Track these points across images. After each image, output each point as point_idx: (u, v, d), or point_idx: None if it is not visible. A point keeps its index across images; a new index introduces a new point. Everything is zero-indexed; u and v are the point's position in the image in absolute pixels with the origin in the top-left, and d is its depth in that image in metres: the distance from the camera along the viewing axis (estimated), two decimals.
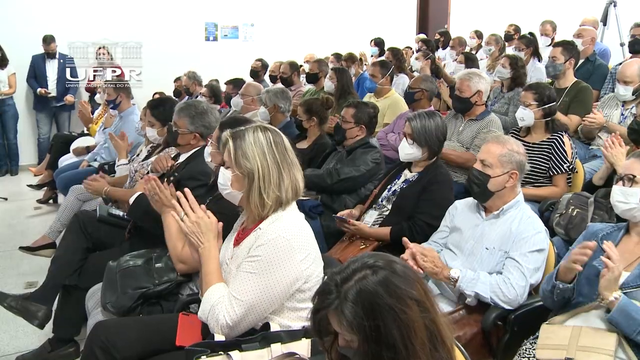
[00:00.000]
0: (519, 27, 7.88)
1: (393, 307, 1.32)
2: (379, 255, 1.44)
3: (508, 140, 2.70)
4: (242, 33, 10.39)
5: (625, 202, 2.28)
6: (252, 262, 2.07)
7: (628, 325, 2.04)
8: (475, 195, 2.70)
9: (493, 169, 2.61)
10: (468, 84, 4.11)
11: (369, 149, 3.77)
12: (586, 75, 5.27)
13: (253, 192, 2.12)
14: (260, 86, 5.90)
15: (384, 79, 5.33)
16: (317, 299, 1.41)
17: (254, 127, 2.19)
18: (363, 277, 1.37)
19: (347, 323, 1.34)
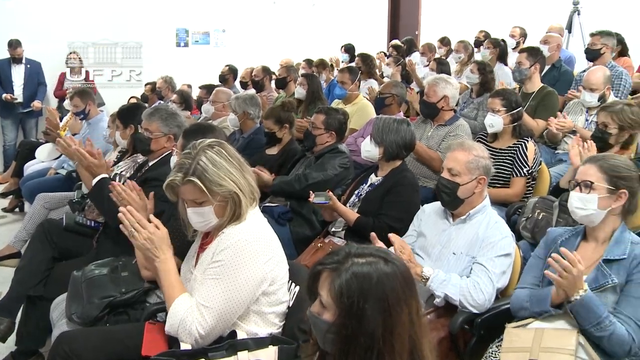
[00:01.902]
0: (489, 33, 7.98)
1: (387, 301, 1.35)
2: (398, 258, 1.48)
3: (472, 146, 2.73)
4: (213, 39, 10.35)
5: (583, 208, 2.31)
6: (216, 267, 2.07)
7: (587, 317, 2.08)
8: (445, 203, 2.72)
9: (461, 176, 2.64)
10: (434, 89, 4.15)
11: (337, 154, 3.78)
12: (552, 81, 5.35)
13: (239, 208, 2.12)
14: (231, 92, 5.88)
15: (353, 85, 5.36)
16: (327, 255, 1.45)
17: (202, 151, 2.12)
18: (375, 262, 1.39)
19: (335, 290, 1.36)
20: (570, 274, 2.06)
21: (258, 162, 4.14)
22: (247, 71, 7.81)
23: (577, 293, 2.09)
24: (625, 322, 2.09)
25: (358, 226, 3.12)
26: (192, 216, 2.15)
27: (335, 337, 1.37)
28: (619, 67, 5.26)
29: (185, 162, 2.10)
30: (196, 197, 2.10)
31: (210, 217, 2.12)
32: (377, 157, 3.28)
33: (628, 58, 6.36)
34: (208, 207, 2.10)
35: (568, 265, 2.06)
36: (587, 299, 2.08)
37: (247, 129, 4.86)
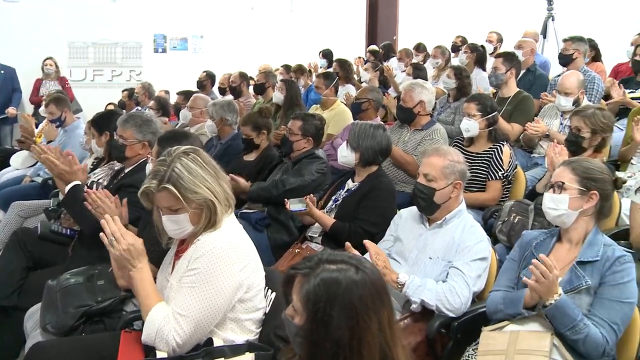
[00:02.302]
0: (466, 38, 8.05)
1: (354, 309, 1.35)
2: (372, 267, 1.48)
3: (448, 151, 2.75)
4: (191, 45, 10.33)
5: (555, 208, 2.34)
6: (191, 276, 2.06)
7: (562, 321, 2.10)
8: (422, 209, 2.73)
9: (437, 181, 2.65)
10: (411, 95, 4.18)
11: (314, 160, 3.79)
12: (527, 86, 5.41)
13: (215, 215, 2.12)
14: (208, 98, 5.86)
15: (328, 90, 5.38)
16: (300, 260, 1.47)
17: (177, 158, 2.11)
18: (345, 269, 1.40)
19: (304, 295, 1.37)
20: (547, 279, 2.09)
21: (236, 169, 4.14)
22: (225, 77, 7.79)
23: (552, 297, 2.12)
24: (599, 324, 2.12)
25: (334, 231, 3.14)
26: (167, 224, 2.14)
27: (304, 342, 1.38)
28: (591, 72, 5.33)
29: (160, 169, 2.09)
30: (171, 205, 2.09)
31: (185, 225, 2.11)
32: (354, 163, 3.29)
33: (601, 63, 6.47)
34: (183, 215, 2.09)
35: (546, 270, 2.08)
36: (562, 303, 2.11)
37: (225, 135, 4.85)
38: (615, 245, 2.31)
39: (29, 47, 8.87)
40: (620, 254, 2.25)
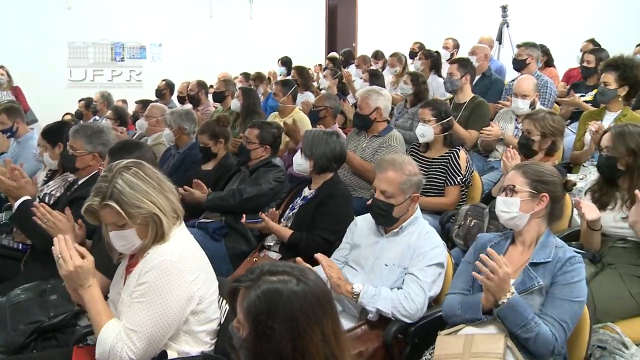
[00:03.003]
0: (423, 44, 8.16)
1: (296, 321, 1.34)
2: (316, 278, 1.46)
3: (402, 163, 2.70)
4: (149, 53, 10.22)
5: (507, 211, 2.38)
6: (141, 290, 2.03)
7: (514, 320, 2.13)
8: (380, 222, 2.73)
9: (395, 197, 2.64)
10: (367, 102, 4.20)
11: (271, 168, 3.78)
12: (483, 90, 5.51)
13: (161, 227, 2.09)
14: (165, 107, 5.80)
15: (285, 98, 5.37)
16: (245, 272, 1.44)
17: (118, 173, 2.08)
18: (286, 281, 1.38)
19: (246, 307, 1.35)
20: (497, 276, 2.11)
21: (194, 177, 4.10)
22: (183, 86, 7.73)
23: (505, 296, 2.15)
24: (549, 322, 2.15)
25: (292, 243, 3.12)
26: (114, 239, 2.11)
27: (248, 354, 1.37)
28: (544, 76, 5.45)
29: (102, 186, 2.06)
30: (116, 221, 2.06)
31: (133, 240, 2.08)
32: (309, 170, 3.29)
33: (553, 68, 6.63)
34: (130, 230, 2.06)
35: (494, 265, 2.11)
36: (514, 301, 2.14)
37: (183, 144, 4.80)
38: (566, 246, 2.36)
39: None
40: (571, 254, 2.29)
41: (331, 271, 2.52)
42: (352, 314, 2.61)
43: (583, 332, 2.29)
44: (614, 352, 2.55)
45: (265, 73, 8.30)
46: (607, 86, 4.13)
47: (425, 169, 3.83)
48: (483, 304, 2.25)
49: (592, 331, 2.59)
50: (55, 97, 8.94)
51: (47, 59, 9.11)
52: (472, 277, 2.35)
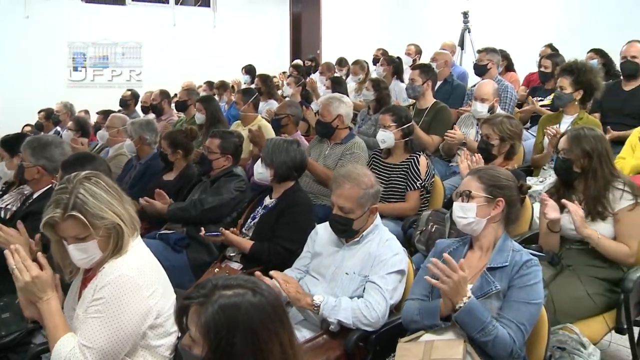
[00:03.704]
0: (387, 51, 8.20)
1: (256, 333, 1.32)
2: (269, 288, 1.44)
3: (359, 176, 2.65)
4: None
5: (464, 217, 2.38)
6: (97, 305, 1.98)
7: (472, 324, 2.13)
8: (340, 235, 2.71)
9: (354, 212, 2.62)
10: (329, 109, 4.20)
11: (232, 178, 3.75)
12: (445, 96, 5.56)
13: (122, 239, 2.05)
14: (126, 117, 5.71)
15: (246, 106, 5.35)
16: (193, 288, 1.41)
17: (78, 183, 2.04)
18: (242, 294, 1.36)
19: (202, 325, 1.32)
20: (452, 280, 2.11)
21: (155, 188, 4.04)
22: (146, 95, 7.64)
23: (462, 300, 2.15)
24: (507, 325, 2.15)
25: (254, 254, 3.09)
26: (74, 253, 2.03)
27: None
28: (505, 81, 5.53)
29: (63, 197, 1.99)
30: (78, 233, 2.00)
31: (94, 252, 2.03)
32: (269, 179, 3.27)
33: (514, 73, 6.72)
34: (92, 242, 2.01)
35: (446, 268, 2.11)
36: (471, 305, 2.14)
37: (144, 154, 4.74)
38: (523, 250, 2.37)
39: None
40: (528, 258, 2.30)
41: (288, 286, 2.49)
42: (314, 323, 2.60)
43: (541, 334, 2.31)
44: (572, 352, 2.58)
45: (230, 81, 8.27)
46: (563, 90, 4.20)
47: (386, 175, 3.85)
48: (441, 310, 2.25)
49: (552, 332, 2.64)
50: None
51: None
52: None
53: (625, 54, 4.73)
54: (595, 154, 2.89)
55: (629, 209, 2.83)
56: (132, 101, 7.79)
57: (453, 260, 2.15)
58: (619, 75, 4.99)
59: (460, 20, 8.12)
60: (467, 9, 8.15)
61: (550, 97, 4.98)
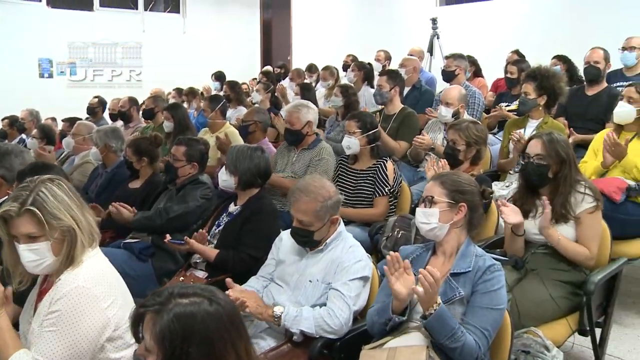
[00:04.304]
0: (356, 57, 8.23)
1: (212, 343, 1.30)
2: (226, 297, 1.42)
3: (316, 189, 2.62)
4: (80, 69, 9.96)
5: (427, 222, 2.38)
6: (52, 319, 1.93)
7: (442, 331, 2.12)
8: (302, 245, 2.69)
9: (314, 224, 2.60)
10: (297, 116, 4.19)
11: (198, 185, 3.71)
12: (414, 102, 5.58)
13: (76, 246, 2.00)
14: (93, 125, 5.63)
15: (214, 113, 5.31)
16: (149, 296, 1.37)
17: (41, 183, 2.01)
18: (198, 303, 1.33)
19: (157, 333, 1.29)
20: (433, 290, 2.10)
21: (121, 196, 4.00)
22: (114, 102, 7.55)
23: (432, 307, 2.14)
24: (472, 331, 2.16)
25: (219, 262, 3.05)
26: (25, 254, 1.97)
27: None
28: (472, 87, 5.58)
29: (22, 194, 1.96)
30: (32, 231, 1.95)
31: (45, 255, 1.98)
32: (234, 186, 3.25)
33: (482, 78, 6.79)
34: (45, 243, 1.96)
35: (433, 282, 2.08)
36: (442, 312, 2.13)
37: (110, 162, 4.68)
38: (486, 255, 2.38)
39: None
40: (491, 263, 2.31)
41: (248, 301, 2.46)
42: (279, 331, 2.57)
43: (505, 338, 2.31)
44: (537, 355, 2.60)
45: (199, 88, 8.22)
46: (528, 96, 4.26)
47: (353, 181, 3.85)
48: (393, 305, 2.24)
49: (517, 336, 2.65)
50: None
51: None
52: None
53: (588, 60, 4.82)
54: (568, 159, 2.92)
55: (589, 212, 2.87)
56: (100, 108, 7.68)
57: (436, 272, 2.12)
58: (583, 80, 5.08)
59: (429, 26, 8.20)
60: (435, 15, 8.24)
61: (517, 103, 5.04)
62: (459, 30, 8.72)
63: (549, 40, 7.36)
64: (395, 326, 2.28)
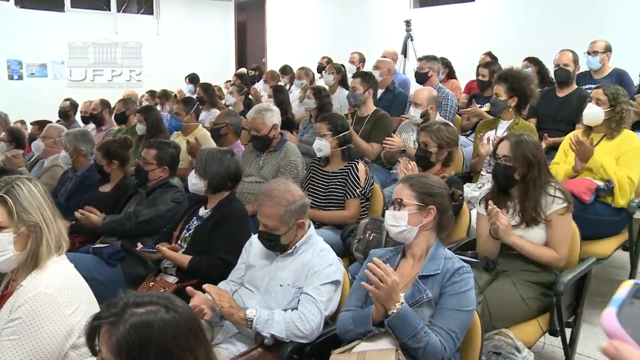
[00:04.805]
0: (331, 59, 8.24)
1: (170, 351, 1.27)
2: (183, 304, 1.38)
3: (280, 193, 2.59)
4: (51, 71, 9.80)
5: (396, 225, 2.38)
6: (13, 327, 1.88)
7: (403, 330, 2.12)
8: (270, 249, 2.66)
9: (279, 229, 2.57)
10: (262, 122, 4.16)
11: (168, 189, 3.67)
12: (387, 104, 5.59)
13: (40, 247, 1.98)
14: (62, 128, 5.55)
15: (189, 116, 5.26)
16: (103, 307, 1.34)
17: (18, 179, 2.03)
18: (155, 311, 1.30)
19: (114, 345, 1.26)
20: (385, 284, 2.10)
21: (91, 200, 3.95)
22: (86, 105, 7.43)
23: (395, 306, 2.14)
24: (438, 332, 2.15)
25: (193, 269, 3.01)
26: None
27: None
28: (445, 89, 5.61)
29: (6, 184, 1.99)
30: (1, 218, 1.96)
31: (6, 248, 1.97)
32: (204, 190, 3.21)
33: (456, 80, 6.84)
34: (8, 234, 1.96)
35: (383, 274, 2.10)
36: (404, 311, 2.13)
37: (81, 166, 4.61)
38: (455, 257, 2.38)
39: None
40: (459, 265, 2.31)
41: (222, 301, 2.44)
42: (248, 336, 2.55)
43: (475, 340, 2.32)
44: (507, 356, 2.61)
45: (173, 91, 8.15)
46: (499, 97, 4.29)
47: (325, 183, 3.84)
48: (374, 316, 2.24)
49: (488, 338, 2.66)
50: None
51: None
52: (364, 293, 2.34)
53: (558, 62, 4.88)
54: (536, 162, 2.92)
55: (560, 213, 2.88)
56: (72, 111, 7.57)
57: (383, 264, 2.13)
58: (554, 82, 5.14)
59: (403, 28, 8.23)
60: (409, 18, 8.28)
61: (488, 104, 5.07)
62: (433, 32, 8.78)
63: (521, 43, 7.43)
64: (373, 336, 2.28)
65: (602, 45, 5.25)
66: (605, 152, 3.69)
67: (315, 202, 3.85)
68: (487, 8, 8.60)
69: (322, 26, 10.69)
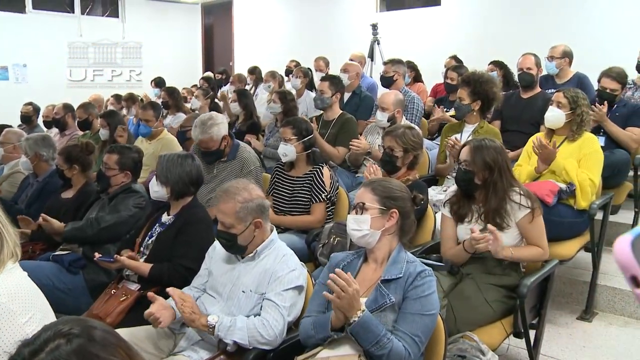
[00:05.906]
0: (299, 62, 8.23)
1: None
2: (76, 321, 1.29)
3: (237, 190, 2.57)
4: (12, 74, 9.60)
5: (358, 229, 2.36)
6: None
7: (366, 338, 2.11)
8: (229, 250, 2.63)
9: (235, 227, 2.53)
10: (211, 138, 4.03)
11: (131, 194, 3.61)
12: (354, 108, 5.59)
13: (1, 254, 1.90)
14: (22, 132, 5.44)
15: (158, 122, 5.17)
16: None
17: None
18: (56, 348, 1.21)
19: None
20: (347, 294, 2.09)
21: (53, 207, 3.88)
22: (49, 109, 7.30)
23: (356, 314, 2.12)
24: (402, 338, 2.15)
25: (154, 277, 2.94)
26: None
27: None
28: (411, 92, 5.63)
29: None
30: None
31: None
32: (167, 197, 3.15)
33: (422, 84, 6.88)
34: None
35: (344, 284, 2.08)
36: (365, 318, 2.12)
37: (42, 172, 4.51)
38: (418, 261, 2.37)
39: None
40: (422, 268, 2.30)
41: (184, 306, 2.40)
42: (211, 343, 2.51)
43: (438, 344, 2.32)
44: (472, 359, 2.62)
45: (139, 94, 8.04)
46: (462, 101, 4.32)
47: (290, 188, 3.82)
48: (332, 322, 2.22)
49: (453, 341, 2.67)
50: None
51: None
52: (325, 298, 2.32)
53: (521, 66, 4.94)
54: (496, 166, 2.92)
55: (528, 221, 2.90)
56: (35, 116, 7.43)
57: (344, 274, 2.12)
58: (519, 85, 5.19)
59: (369, 32, 8.26)
60: (376, 21, 8.31)
61: None
62: (399, 35, 8.84)
63: (486, 46, 7.53)
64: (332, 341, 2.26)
65: (560, 51, 5.32)
66: (567, 155, 3.74)
67: (280, 207, 3.82)
68: (452, 12, 8.69)
69: (289, 29, 10.68)
